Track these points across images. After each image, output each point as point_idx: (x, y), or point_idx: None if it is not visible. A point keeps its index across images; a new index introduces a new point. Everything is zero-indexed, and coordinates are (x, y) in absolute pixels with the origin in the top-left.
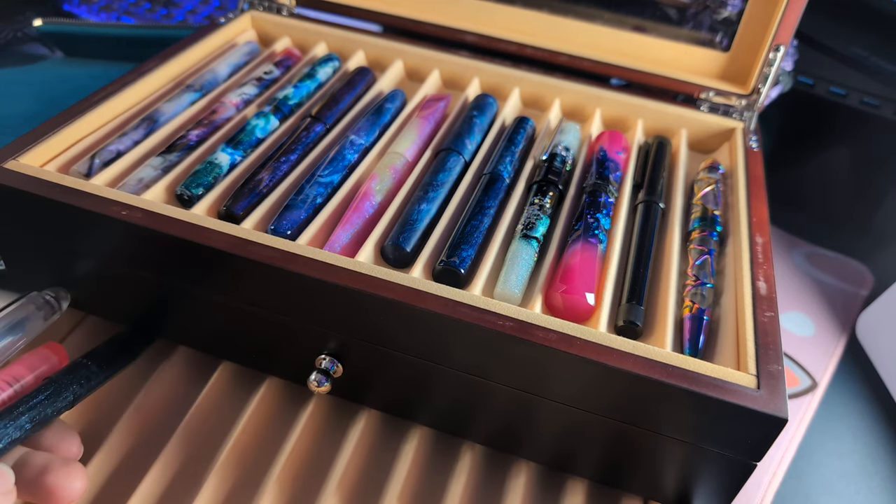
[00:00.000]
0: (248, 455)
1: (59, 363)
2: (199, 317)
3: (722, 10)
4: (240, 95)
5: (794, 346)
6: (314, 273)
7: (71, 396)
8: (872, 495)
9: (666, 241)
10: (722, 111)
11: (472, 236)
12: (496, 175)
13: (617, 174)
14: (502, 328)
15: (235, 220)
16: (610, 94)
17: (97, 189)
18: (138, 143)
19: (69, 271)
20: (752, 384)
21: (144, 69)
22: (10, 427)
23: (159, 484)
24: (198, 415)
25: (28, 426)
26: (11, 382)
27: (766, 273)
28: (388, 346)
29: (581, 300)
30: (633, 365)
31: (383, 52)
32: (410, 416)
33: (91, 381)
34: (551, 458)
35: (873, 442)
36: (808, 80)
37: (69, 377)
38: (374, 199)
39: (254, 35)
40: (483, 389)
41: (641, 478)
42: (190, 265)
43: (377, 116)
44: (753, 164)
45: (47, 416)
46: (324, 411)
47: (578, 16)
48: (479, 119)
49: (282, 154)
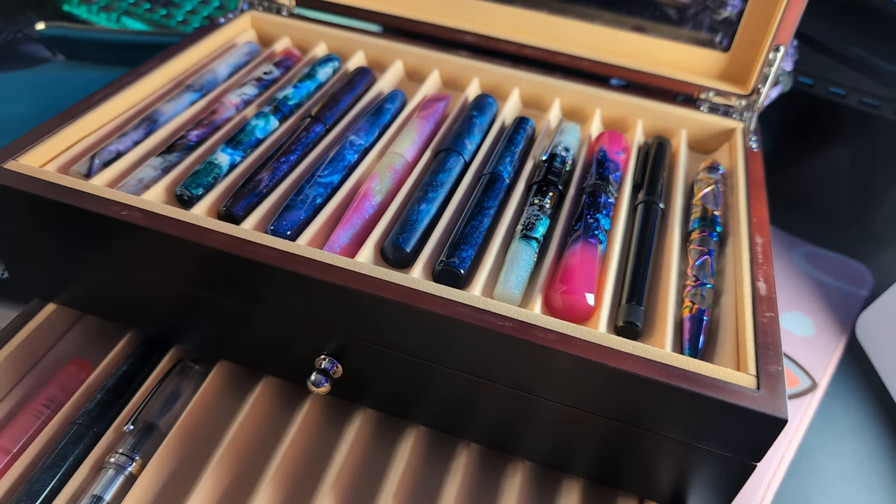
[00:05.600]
0: (245, 454)
1: (85, 377)
2: (198, 317)
3: (722, 10)
4: (240, 96)
5: (794, 347)
6: (314, 273)
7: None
8: (872, 495)
9: (666, 241)
10: (722, 111)
11: (471, 237)
12: (496, 175)
13: (617, 174)
14: (502, 328)
15: (235, 220)
16: (610, 95)
17: (97, 189)
18: (138, 143)
19: (68, 271)
20: (751, 384)
21: (144, 69)
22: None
23: (155, 482)
24: (194, 413)
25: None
26: (48, 404)
27: (766, 273)
28: (388, 347)
29: (581, 300)
30: (632, 365)
31: (383, 52)
32: (409, 416)
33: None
34: (549, 457)
35: (873, 442)
36: (808, 80)
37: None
38: (373, 199)
39: (253, 35)
40: (482, 389)
41: (640, 478)
42: (189, 266)
43: (377, 117)
44: (753, 164)
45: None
46: (320, 410)
47: (578, 16)
48: (479, 119)
49: (282, 154)
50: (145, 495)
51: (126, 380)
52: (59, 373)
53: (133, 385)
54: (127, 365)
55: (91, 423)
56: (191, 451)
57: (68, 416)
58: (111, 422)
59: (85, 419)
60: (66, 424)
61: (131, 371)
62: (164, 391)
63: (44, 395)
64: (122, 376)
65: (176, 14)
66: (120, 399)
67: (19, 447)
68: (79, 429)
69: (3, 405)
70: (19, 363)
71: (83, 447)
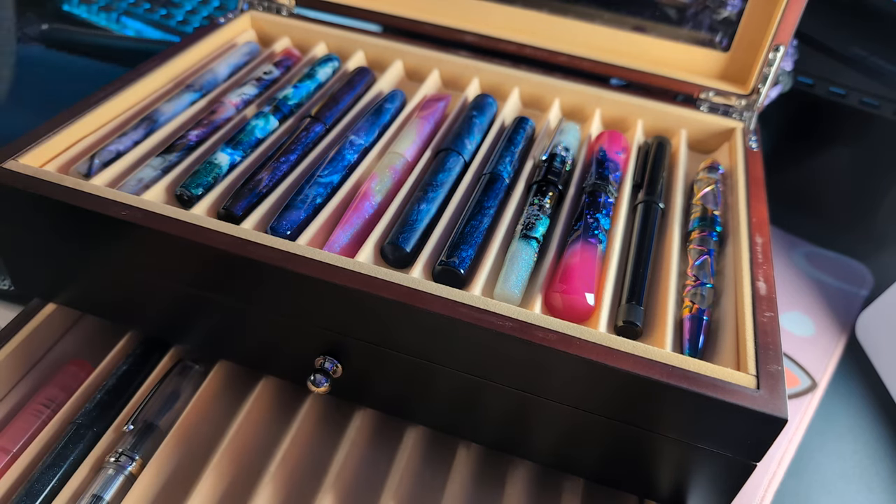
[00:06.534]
0: (245, 454)
1: (85, 377)
2: (198, 317)
3: (722, 10)
4: (239, 95)
5: (794, 346)
6: (314, 273)
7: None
8: (872, 495)
9: (666, 241)
10: (722, 111)
11: (471, 236)
12: (496, 175)
13: (617, 174)
14: (502, 328)
15: (235, 220)
16: (610, 94)
17: (97, 189)
18: (138, 143)
19: (68, 271)
20: (751, 384)
21: (144, 69)
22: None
23: (155, 482)
24: (194, 413)
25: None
26: (47, 404)
27: (766, 273)
28: (388, 347)
29: (581, 300)
30: (632, 365)
31: (383, 52)
32: (409, 416)
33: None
34: (549, 457)
35: (873, 442)
36: (808, 80)
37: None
38: (373, 199)
39: (253, 35)
40: (482, 389)
41: (640, 478)
42: (189, 266)
43: (377, 116)
44: (753, 164)
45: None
46: (320, 410)
47: (578, 16)
48: (479, 119)
49: (281, 154)
50: (145, 495)
51: (126, 380)
52: (58, 373)
53: (133, 385)
54: (127, 365)
55: (91, 423)
56: (191, 451)
57: (68, 416)
58: (111, 422)
59: (85, 419)
60: (66, 424)
61: (131, 371)
62: (164, 391)
63: (44, 395)
64: (122, 376)
65: (176, 14)
66: (120, 399)
67: (19, 447)
68: (79, 429)
69: (3, 405)
70: (19, 363)
71: (83, 447)
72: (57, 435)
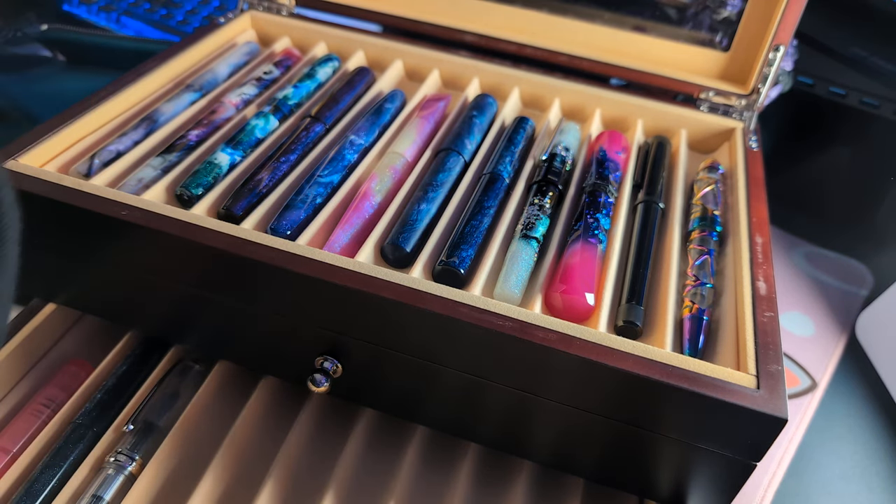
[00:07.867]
0: (245, 454)
1: (85, 377)
2: (198, 317)
3: (722, 10)
4: (239, 95)
5: (794, 346)
6: (314, 273)
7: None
8: (872, 495)
9: (666, 241)
10: (722, 111)
11: (471, 236)
12: (496, 175)
13: (617, 174)
14: (502, 328)
15: (235, 220)
16: (610, 94)
17: (97, 189)
18: (138, 143)
19: (68, 271)
20: (751, 384)
21: (144, 69)
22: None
23: (155, 482)
24: (194, 413)
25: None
26: (47, 404)
27: (766, 273)
28: (388, 347)
29: (581, 300)
30: (632, 365)
31: (383, 52)
32: (409, 417)
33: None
34: (551, 457)
35: (873, 442)
36: (807, 80)
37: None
38: (373, 199)
39: (253, 35)
40: (482, 390)
41: (640, 478)
42: (189, 266)
43: (377, 116)
44: (753, 164)
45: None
46: (320, 410)
47: (578, 16)
48: (479, 119)
49: (281, 154)
50: (145, 495)
51: (126, 380)
52: (58, 373)
53: (133, 385)
54: (127, 365)
55: (91, 422)
56: (191, 451)
57: (68, 415)
58: (111, 422)
59: (85, 419)
60: (66, 424)
61: (131, 371)
62: (164, 391)
63: (44, 395)
64: (122, 376)
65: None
66: (120, 399)
67: (19, 447)
68: (79, 429)
69: (3, 405)
70: (19, 363)
71: (83, 447)
72: (57, 435)
